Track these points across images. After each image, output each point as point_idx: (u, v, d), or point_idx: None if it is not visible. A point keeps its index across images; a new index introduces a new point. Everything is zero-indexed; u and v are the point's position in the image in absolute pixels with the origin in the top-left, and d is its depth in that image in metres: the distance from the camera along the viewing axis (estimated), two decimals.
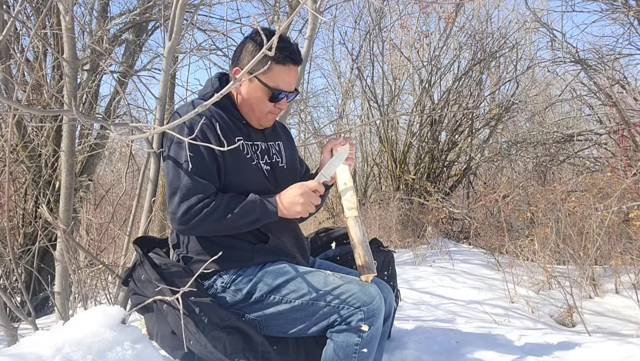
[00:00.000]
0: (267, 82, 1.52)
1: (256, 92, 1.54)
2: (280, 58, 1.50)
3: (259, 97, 1.54)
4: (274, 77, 1.52)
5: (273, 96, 1.54)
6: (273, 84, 1.52)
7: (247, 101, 1.56)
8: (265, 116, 1.58)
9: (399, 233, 5.68)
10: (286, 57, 1.51)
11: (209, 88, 1.59)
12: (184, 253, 1.56)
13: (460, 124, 7.05)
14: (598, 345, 1.95)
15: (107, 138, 4.45)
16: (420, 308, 3.21)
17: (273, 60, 1.47)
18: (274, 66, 1.50)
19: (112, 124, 1.38)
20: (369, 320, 1.39)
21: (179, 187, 1.44)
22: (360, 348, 1.40)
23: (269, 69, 1.49)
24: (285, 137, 1.75)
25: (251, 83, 1.53)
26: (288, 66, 1.53)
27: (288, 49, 1.51)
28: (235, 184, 1.51)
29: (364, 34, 7.50)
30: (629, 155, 4.61)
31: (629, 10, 4.69)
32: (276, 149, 1.67)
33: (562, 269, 3.80)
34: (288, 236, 1.60)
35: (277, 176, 1.62)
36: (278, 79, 1.52)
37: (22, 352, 1.17)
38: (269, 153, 1.63)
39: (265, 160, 1.60)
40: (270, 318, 1.49)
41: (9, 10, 3.52)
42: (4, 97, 1.18)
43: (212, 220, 1.43)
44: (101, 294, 2.12)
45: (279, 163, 1.65)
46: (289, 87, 1.55)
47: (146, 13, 4.40)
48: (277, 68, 1.51)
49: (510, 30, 7.28)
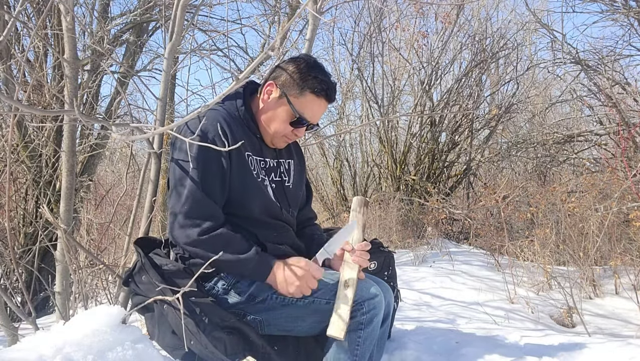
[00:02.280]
0: (294, 105, 1.51)
1: (280, 110, 1.53)
2: (316, 89, 1.50)
3: (281, 117, 1.53)
4: (302, 104, 1.51)
5: (295, 121, 1.53)
6: (299, 109, 1.51)
7: (267, 114, 1.55)
8: (280, 138, 1.57)
9: (399, 234, 5.68)
10: (322, 90, 1.51)
11: (232, 94, 1.57)
12: (181, 252, 1.56)
13: (460, 124, 7.05)
14: (598, 345, 1.95)
15: (108, 138, 4.45)
16: (420, 308, 3.22)
17: (309, 87, 1.48)
18: (307, 94, 1.50)
19: (113, 124, 1.38)
20: (370, 314, 1.40)
21: (185, 197, 1.43)
22: (362, 342, 1.41)
23: (302, 94, 1.49)
24: (297, 157, 1.74)
25: (280, 99, 1.53)
26: (320, 99, 1.53)
27: (327, 83, 1.52)
28: (237, 198, 1.50)
29: (363, 35, 7.51)
30: (629, 156, 4.61)
31: (629, 12, 4.69)
32: (285, 168, 1.66)
33: (562, 270, 3.80)
34: (286, 246, 1.60)
35: (281, 195, 1.61)
36: (306, 107, 1.51)
37: (23, 352, 1.17)
38: (276, 171, 1.62)
39: (271, 178, 1.60)
40: (272, 317, 1.49)
41: (10, 10, 3.52)
42: (6, 96, 1.19)
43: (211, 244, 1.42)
44: (102, 294, 2.13)
45: (285, 182, 1.64)
46: (312, 119, 1.55)
47: (147, 14, 4.40)
48: (310, 97, 1.51)
49: (510, 31, 7.30)
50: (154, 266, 1.50)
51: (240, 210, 1.53)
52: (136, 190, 1.92)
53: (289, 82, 1.51)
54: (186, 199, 1.43)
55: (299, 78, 1.50)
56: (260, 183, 1.54)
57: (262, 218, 1.56)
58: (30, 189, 4.15)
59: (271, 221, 1.58)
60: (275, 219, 1.59)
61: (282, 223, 1.61)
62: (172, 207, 1.47)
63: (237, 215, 1.52)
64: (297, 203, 1.71)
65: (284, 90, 1.50)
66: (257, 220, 1.55)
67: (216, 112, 1.50)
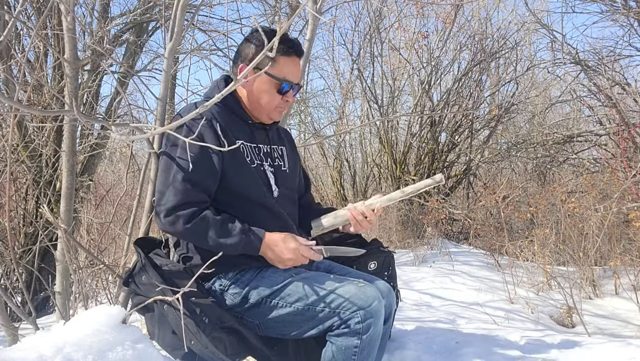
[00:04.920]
0: (275, 74, 1.54)
1: (264, 86, 1.56)
2: (284, 50, 1.53)
3: (267, 90, 1.56)
4: (280, 69, 1.55)
5: (281, 88, 1.56)
6: (281, 75, 1.55)
7: (255, 96, 1.58)
8: (274, 110, 1.60)
9: (398, 234, 5.68)
10: (289, 48, 1.55)
11: (215, 90, 1.59)
12: (185, 252, 1.56)
13: (460, 125, 7.05)
14: (598, 346, 1.96)
15: (108, 138, 4.45)
16: (420, 308, 3.22)
17: (278, 52, 1.51)
18: (279, 58, 1.53)
19: (113, 124, 1.38)
20: (367, 322, 1.39)
21: (171, 182, 1.44)
22: (360, 351, 1.40)
23: (275, 61, 1.52)
24: (289, 144, 1.76)
25: (259, 78, 1.56)
26: (292, 57, 1.57)
27: (290, 41, 1.57)
28: (234, 186, 1.51)
29: (363, 35, 7.51)
30: (629, 156, 4.61)
31: (629, 12, 4.69)
32: (279, 153, 1.68)
33: (562, 270, 3.80)
34: None
35: (281, 180, 1.62)
36: (284, 70, 1.56)
37: (23, 352, 1.17)
38: (272, 156, 1.64)
39: (269, 162, 1.61)
40: (269, 321, 1.49)
41: (10, 10, 3.52)
42: (6, 97, 1.19)
43: (197, 232, 1.43)
44: (102, 294, 2.13)
45: (281, 167, 1.66)
46: (295, 79, 1.59)
47: (147, 13, 4.39)
48: (283, 60, 1.54)
49: (510, 31, 7.29)
50: (154, 266, 1.50)
51: (241, 201, 1.53)
52: (136, 190, 1.92)
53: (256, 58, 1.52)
54: (170, 191, 1.44)
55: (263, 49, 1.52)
56: (255, 169, 1.56)
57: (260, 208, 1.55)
58: (30, 189, 4.15)
59: (272, 213, 1.57)
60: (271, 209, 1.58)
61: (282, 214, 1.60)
62: (156, 198, 1.49)
63: (234, 206, 1.52)
64: (295, 189, 1.73)
65: (258, 65, 1.50)
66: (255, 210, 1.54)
67: None
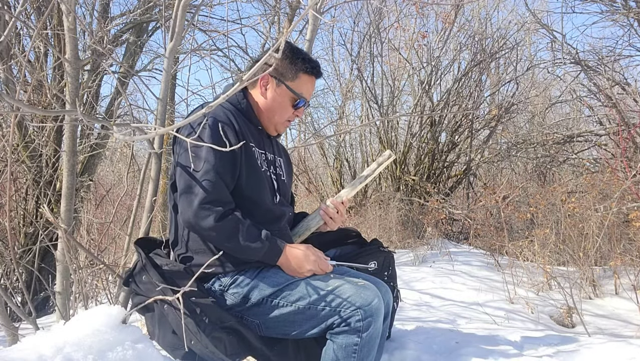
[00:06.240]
0: (293, 88, 1.61)
1: (282, 98, 1.62)
2: (308, 69, 1.62)
3: (283, 102, 1.62)
4: (300, 85, 1.62)
5: (297, 103, 1.63)
6: (299, 91, 1.62)
7: (270, 105, 1.63)
8: (283, 123, 1.66)
9: (399, 234, 5.68)
10: (313, 68, 1.63)
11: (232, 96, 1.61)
12: (183, 251, 1.56)
13: (460, 125, 7.05)
14: (598, 346, 1.96)
15: (108, 138, 4.45)
16: (421, 308, 3.22)
17: (301, 70, 1.60)
18: (301, 75, 1.61)
19: (115, 124, 1.38)
20: (367, 320, 1.40)
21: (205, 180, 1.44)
22: (360, 349, 1.40)
23: (297, 77, 1.60)
24: (285, 157, 1.82)
25: (278, 88, 1.61)
26: (312, 77, 1.65)
27: (313, 61, 1.64)
28: (245, 188, 1.53)
29: (363, 35, 7.51)
30: (628, 156, 4.61)
31: (629, 12, 4.69)
32: (279, 163, 1.73)
33: (562, 270, 3.80)
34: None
35: (281, 188, 1.68)
36: (303, 88, 1.63)
37: (23, 352, 1.17)
38: (274, 164, 1.69)
39: (272, 170, 1.66)
40: (269, 321, 1.50)
41: (11, 10, 3.52)
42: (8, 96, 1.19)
43: (226, 231, 1.44)
44: (102, 294, 2.13)
45: (281, 176, 1.71)
46: (309, 97, 1.68)
47: (147, 14, 4.40)
48: (304, 77, 1.62)
49: (510, 31, 7.29)
50: (155, 266, 1.50)
51: (249, 204, 1.54)
52: (136, 190, 1.93)
53: (281, 70, 1.61)
54: (202, 185, 1.44)
55: (289, 64, 1.61)
56: (264, 174, 1.60)
57: (269, 213, 1.58)
58: (30, 189, 4.15)
59: (275, 217, 1.60)
60: (278, 216, 1.61)
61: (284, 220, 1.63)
62: (184, 191, 1.47)
63: (242, 208, 1.52)
64: (289, 200, 1.79)
65: (280, 78, 1.60)
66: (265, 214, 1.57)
67: (221, 107, 1.57)
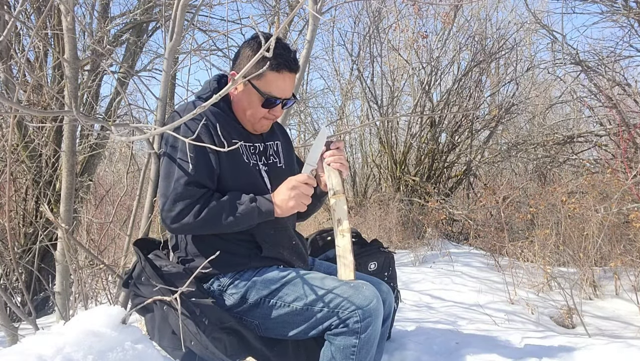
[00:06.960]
0: (260, 88, 1.50)
1: (249, 97, 1.53)
2: (274, 65, 1.47)
3: (252, 102, 1.53)
4: (266, 84, 1.50)
5: (266, 102, 1.53)
6: (266, 90, 1.51)
7: (240, 105, 1.56)
8: (259, 121, 1.57)
9: (399, 234, 5.68)
10: (280, 64, 1.48)
11: (207, 90, 1.59)
12: (183, 255, 1.56)
13: (460, 125, 7.05)
14: (598, 347, 1.96)
15: (108, 138, 4.45)
16: (421, 309, 3.22)
17: (268, 67, 1.43)
18: (267, 73, 1.47)
19: (113, 124, 1.38)
20: (366, 322, 1.38)
21: (173, 187, 1.44)
22: (358, 351, 1.40)
23: (263, 75, 1.47)
24: (282, 137, 1.75)
25: (245, 87, 1.53)
26: (282, 73, 1.50)
27: (283, 56, 1.48)
28: (232, 187, 1.50)
29: (362, 35, 7.51)
30: (629, 157, 4.61)
31: (629, 12, 4.69)
32: (274, 150, 1.66)
33: (562, 271, 3.80)
34: (285, 247, 1.59)
35: (276, 177, 1.60)
36: (271, 86, 1.51)
37: (23, 352, 1.16)
38: (266, 154, 1.63)
39: (263, 161, 1.60)
40: (268, 322, 1.49)
41: (10, 10, 3.52)
42: (5, 98, 1.18)
43: (207, 219, 1.43)
44: (102, 294, 2.13)
45: (277, 164, 1.65)
46: (283, 94, 1.54)
47: (147, 13, 4.40)
48: (271, 75, 1.49)
49: (509, 31, 7.30)
50: (154, 267, 1.50)
51: None
52: (136, 190, 1.93)
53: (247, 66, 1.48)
54: (172, 195, 1.43)
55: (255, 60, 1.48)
56: (252, 168, 1.55)
57: None
58: (30, 189, 4.15)
59: None
60: None
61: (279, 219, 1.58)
62: (161, 200, 1.47)
63: None
64: None
65: (245, 76, 1.45)
66: None
67: None
